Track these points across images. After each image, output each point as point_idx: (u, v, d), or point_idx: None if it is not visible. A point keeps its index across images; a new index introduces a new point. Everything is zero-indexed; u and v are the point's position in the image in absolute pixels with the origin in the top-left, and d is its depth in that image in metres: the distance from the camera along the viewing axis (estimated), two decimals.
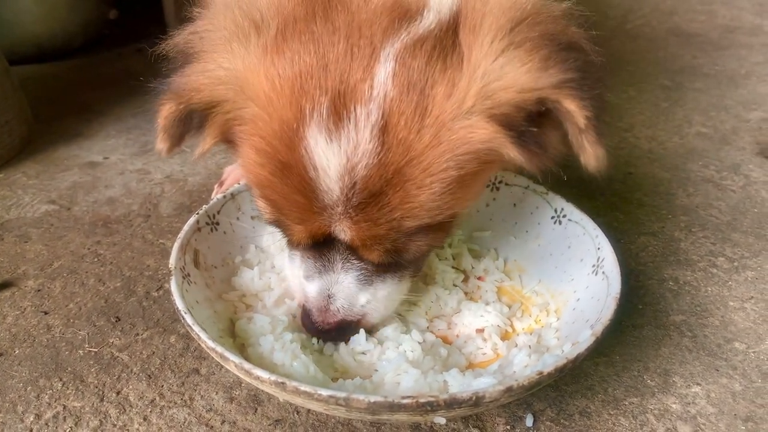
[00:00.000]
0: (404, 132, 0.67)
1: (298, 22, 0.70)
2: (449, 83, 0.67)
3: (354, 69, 0.67)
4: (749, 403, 0.87)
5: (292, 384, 0.69)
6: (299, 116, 0.68)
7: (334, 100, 0.67)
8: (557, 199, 1.03)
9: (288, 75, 0.68)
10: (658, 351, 0.96)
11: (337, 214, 0.72)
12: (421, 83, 0.67)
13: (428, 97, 0.67)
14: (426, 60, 0.67)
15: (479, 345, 0.91)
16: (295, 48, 0.69)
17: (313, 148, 0.68)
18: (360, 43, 0.68)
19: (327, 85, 0.67)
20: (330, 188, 0.70)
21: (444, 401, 0.67)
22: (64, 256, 1.18)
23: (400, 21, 0.69)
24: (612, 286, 0.85)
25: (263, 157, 0.72)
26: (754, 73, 1.98)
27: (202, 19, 0.75)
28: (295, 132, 0.68)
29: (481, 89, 0.67)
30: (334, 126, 0.67)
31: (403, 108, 0.67)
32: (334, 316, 0.83)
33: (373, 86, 0.67)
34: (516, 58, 0.66)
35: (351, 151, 0.67)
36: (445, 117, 0.67)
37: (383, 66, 0.67)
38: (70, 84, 1.99)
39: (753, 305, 1.05)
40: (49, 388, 0.90)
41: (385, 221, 0.72)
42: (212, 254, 0.99)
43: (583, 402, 0.87)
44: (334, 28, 0.69)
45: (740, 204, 1.33)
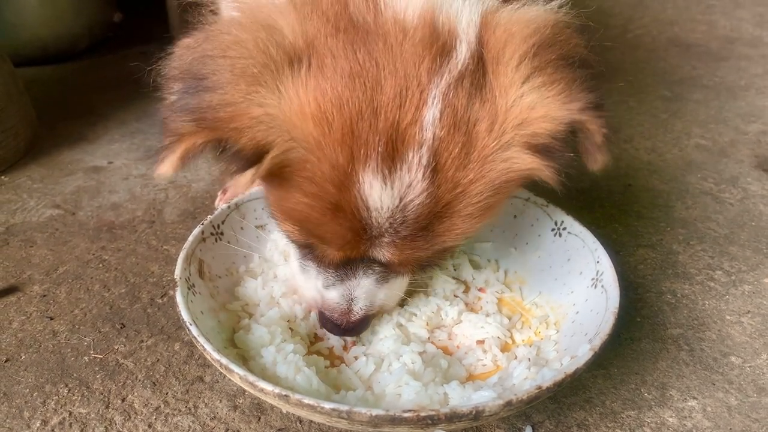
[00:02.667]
0: (452, 170, 0.71)
1: (333, 51, 0.69)
2: (488, 118, 0.71)
3: (404, 113, 0.68)
4: (744, 418, 0.89)
5: (295, 397, 0.70)
6: (351, 160, 0.69)
7: (387, 145, 0.68)
8: (557, 212, 1.05)
9: (337, 118, 0.68)
10: (656, 364, 0.97)
11: (383, 243, 0.76)
12: (465, 121, 0.70)
13: (472, 135, 0.71)
14: (467, 98, 0.70)
15: (479, 356, 0.92)
16: (339, 88, 0.68)
17: (367, 192, 0.70)
18: (407, 85, 0.69)
19: (378, 129, 0.68)
20: (380, 224, 0.73)
21: (444, 415, 0.69)
22: (69, 261, 1.19)
23: (440, 57, 0.70)
24: (611, 300, 0.86)
25: (312, 199, 0.72)
26: (754, 85, 2.00)
27: (212, 38, 0.71)
28: (347, 176, 0.69)
29: (517, 121, 0.71)
30: (388, 170, 0.69)
31: (451, 148, 0.70)
32: (356, 315, 0.86)
33: (423, 128, 0.69)
34: (542, 86, 0.70)
35: (404, 192, 0.70)
36: (487, 152, 0.71)
37: (431, 109, 0.69)
38: (74, 87, 2.01)
39: (750, 319, 1.06)
40: (55, 394, 0.91)
41: (429, 247, 0.77)
42: (216, 264, 1.01)
43: (581, 414, 0.89)
44: (377, 67, 0.69)
45: (738, 217, 1.34)
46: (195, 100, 0.67)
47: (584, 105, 0.70)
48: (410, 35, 0.70)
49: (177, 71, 0.72)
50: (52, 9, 2.09)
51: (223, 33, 0.70)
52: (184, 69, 0.71)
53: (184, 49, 0.74)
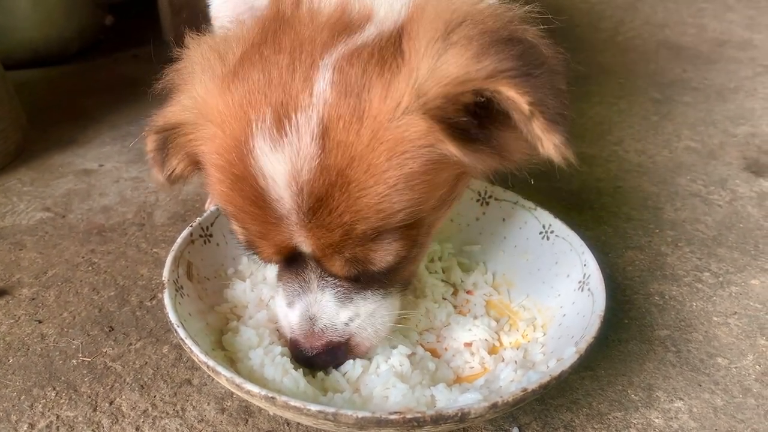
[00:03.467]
0: (343, 135, 0.69)
1: (253, 47, 0.77)
2: (385, 86, 0.69)
3: (295, 81, 0.71)
4: (730, 419, 0.89)
5: (282, 399, 0.71)
6: (247, 129, 0.71)
7: (277, 110, 0.70)
8: (545, 215, 1.05)
9: (239, 93, 0.73)
10: (643, 366, 0.98)
11: (293, 224, 0.73)
12: (358, 88, 0.69)
13: (365, 101, 0.69)
14: (363, 67, 0.70)
15: (467, 359, 0.92)
16: (246, 70, 0.74)
17: (260, 157, 0.71)
18: (301, 57, 0.72)
19: (271, 97, 0.71)
20: (280, 196, 0.71)
21: (430, 417, 0.69)
22: (59, 264, 1.19)
23: (339, 35, 0.73)
24: (597, 304, 0.87)
25: (221, 173, 0.76)
26: (743, 87, 2.01)
27: (182, 58, 0.84)
28: (244, 144, 0.72)
29: (415, 88, 0.68)
30: (278, 134, 0.70)
31: (341, 112, 0.69)
32: (319, 339, 0.82)
33: (312, 94, 0.70)
34: (450, 56, 0.67)
35: (294, 157, 0.69)
36: (381, 118, 0.69)
37: (321, 75, 0.70)
38: (65, 90, 2.01)
39: (736, 321, 1.07)
40: (42, 398, 0.91)
41: (336, 226, 0.72)
42: (205, 266, 1.01)
43: (568, 416, 0.89)
44: (280, 48, 0.74)
45: (726, 219, 1.35)
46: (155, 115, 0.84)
47: (494, 70, 0.65)
48: (317, 19, 0.75)
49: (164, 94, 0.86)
50: (44, 12, 2.09)
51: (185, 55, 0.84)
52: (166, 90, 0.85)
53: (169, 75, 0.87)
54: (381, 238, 0.74)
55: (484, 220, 1.12)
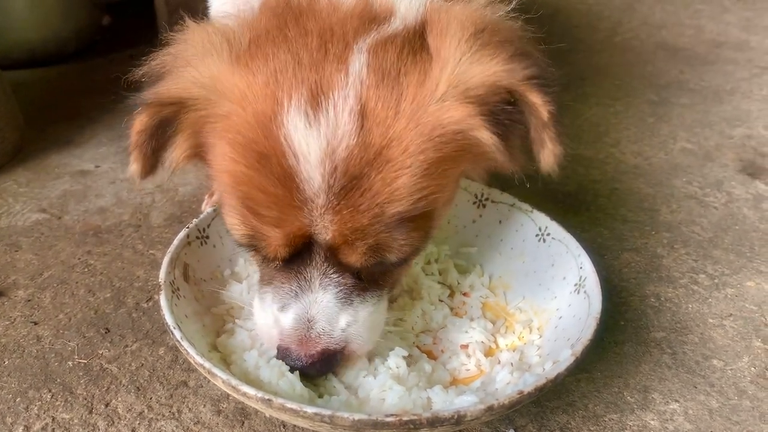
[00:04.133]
0: (382, 114, 0.69)
1: (270, 31, 0.76)
2: (421, 72, 0.72)
3: (329, 61, 0.71)
4: (725, 420, 0.90)
5: (278, 401, 0.71)
6: (276, 106, 0.70)
7: (311, 88, 0.70)
8: (541, 217, 1.05)
9: (262, 72, 0.72)
10: (639, 368, 0.98)
11: (318, 207, 0.71)
12: (395, 72, 0.71)
13: (402, 84, 0.71)
14: (397, 53, 0.72)
15: (463, 361, 0.93)
16: (268, 51, 0.73)
17: (292, 134, 0.69)
18: (333, 40, 0.72)
19: (303, 76, 0.71)
20: (311, 176, 0.69)
21: (426, 419, 0.69)
22: (55, 265, 1.19)
23: (369, 23, 0.74)
24: (593, 306, 0.87)
25: (238, 151, 0.72)
26: (739, 89, 2.02)
27: (176, 43, 0.80)
28: (272, 120, 0.70)
29: (453, 78, 0.71)
30: (313, 111, 0.69)
31: (379, 93, 0.70)
32: (315, 345, 0.79)
33: (348, 74, 0.70)
34: (484, 55, 0.71)
35: (331, 134, 0.68)
36: (419, 101, 0.71)
37: (357, 57, 0.71)
38: (62, 90, 2.00)
39: (732, 323, 1.07)
40: (38, 400, 0.91)
41: (368, 207, 0.71)
42: (202, 268, 1.01)
43: (564, 418, 0.89)
44: (306, 31, 0.74)
45: (722, 221, 1.35)
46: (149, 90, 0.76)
47: (525, 76, 0.70)
48: (341, 9, 0.75)
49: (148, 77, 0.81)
50: (41, 12, 2.09)
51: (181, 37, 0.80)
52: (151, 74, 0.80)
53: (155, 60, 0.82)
54: (403, 226, 0.73)
55: (481, 222, 1.12)
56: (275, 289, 0.82)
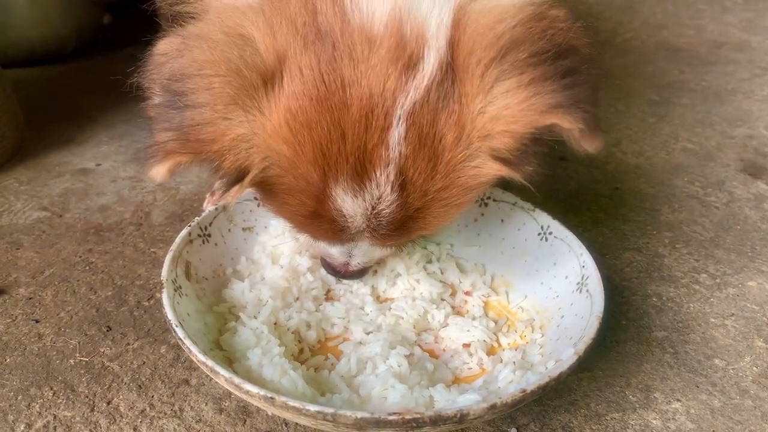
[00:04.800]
0: (420, 182, 0.75)
1: (304, 75, 0.70)
2: (454, 132, 0.73)
3: (370, 135, 0.71)
4: (727, 420, 0.90)
5: (281, 399, 0.71)
6: (324, 178, 0.74)
7: (355, 165, 0.73)
8: (543, 216, 1.05)
9: (308, 144, 0.72)
10: (641, 367, 0.98)
11: (364, 237, 0.82)
12: (431, 137, 0.72)
13: (437, 150, 0.73)
14: (433, 114, 0.72)
15: (465, 360, 0.93)
16: (308, 110, 0.71)
17: (341, 204, 0.76)
18: (372, 106, 0.70)
19: (346, 151, 0.72)
20: (358, 227, 0.79)
21: (429, 418, 0.69)
22: (56, 263, 1.18)
23: (406, 73, 0.70)
24: (595, 305, 0.87)
25: (294, 207, 0.79)
26: (740, 89, 2.02)
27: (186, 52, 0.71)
28: (321, 191, 0.75)
29: (482, 132, 0.72)
30: (358, 187, 0.74)
31: (417, 164, 0.73)
32: (354, 267, 0.94)
33: (389, 148, 0.72)
34: (507, 92, 0.70)
35: (375, 203, 0.75)
36: (454, 162, 0.74)
37: (396, 129, 0.71)
38: (62, 88, 2.00)
39: (733, 322, 1.07)
40: (39, 398, 0.91)
41: (406, 238, 0.85)
42: (204, 266, 1.01)
43: (566, 417, 0.89)
44: (343, 87, 0.70)
45: (723, 221, 1.35)
46: (177, 117, 0.70)
47: (552, 105, 0.68)
48: (376, 48, 0.70)
49: (157, 80, 0.74)
50: (41, 10, 2.08)
51: (196, 48, 0.71)
52: (163, 81, 0.72)
53: (161, 56, 0.75)
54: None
55: (483, 221, 1.12)
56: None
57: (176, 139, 0.70)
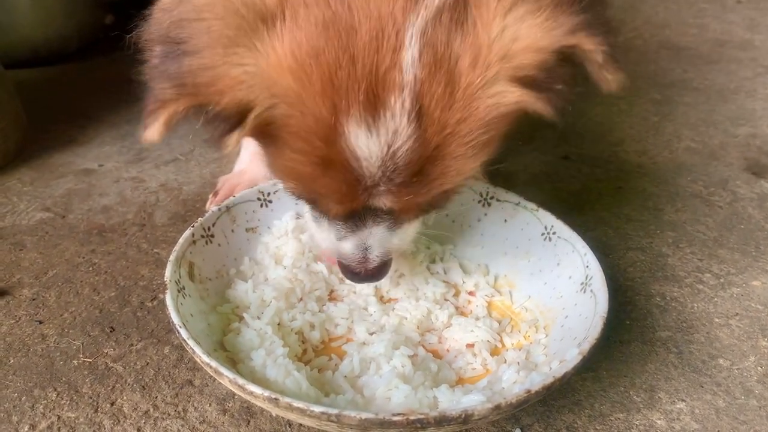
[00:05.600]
0: (438, 111, 0.69)
1: (309, 6, 0.67)
2: (471, 54, 0.68)
3: (381, 57, 0.66)
4: (732, 420, 0.89)
5: (285, 400, 0.70)
6: (334, 111, 0.68)
7: (368, 92, 0.67)
8: (547, 216, 1.05)
9: (316, 74, 0.67)
10: (645, 367, 0.98)
11: (380, 192, 0.75)
12: (447, 59, 0.67)
13: (455, 73, 0.68)
14: (447, 34, 0.67)
15: (469, 360, 0.92)
16: (314, 38, 0.66)
17: (353, 142, 0.69)
18: (382, 27, 0.66)
19: (357, 77, 0.67)
20: (373, 173, 0.71)
21: (434, 418, 0.69)
22: (59, 264, 1.19)
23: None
24: (599, 305, 0.87)
25: (301, 154, 0.72)
26: (743, 88, 2.01)
27: (183, 2, 0.68)
28: (332, 128, 0.68)
29: (501, 52, 0.67)
30: (372, 118, 0.68)
31: (434, 89, 0.68)
32: (373, 263, 0.87)
33: (403, 71, 0.67)
34: (526, 14, 0.66)
35: (391, 139, 0.69)
36: (473, 89, 0.69)
37: (409, 50, 0.66)
38: (65, 89, 2.00)
39: (738, 322, 1.07)
40: (43, 398, 0.91)
41: (426, 191, 0.76)
42: (207, 267, 1.01)
43: (570, 417, 0.89)
44: (350, 11, 0.66)
45: (727, 220, 1.35)
46: (175, 65, 0.66)
47: (573, 26, 0.66)
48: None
49: (156, 34, 0.70)
50: (43, 11, 2.08)
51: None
52: (162, 33, 0.69)
53: (161, 12, 0.72)
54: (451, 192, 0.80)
55: (486, 221, 1.12)
56: (330, 223, 0.86)
57: (173, 86, 0.66)
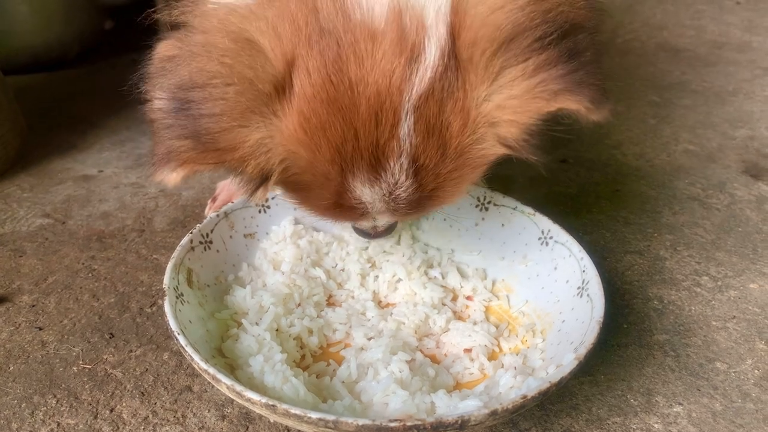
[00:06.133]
0: (431, 166, 0.77)
1: (312, 77, 0.71)
2: (461, 119, 0.74)
3: (381, 131, 0.73)
4: (729, 423, 0.90)
5: (282, 406, 0.71)
6: (342, 174, 0.77)
7: (370, 159, 0.75)
8: (544, 221, 1.06)
9: (323, 143, 0.74)
10: (642, 370, 0.98)
11: (385, 215, 0.85)
12: (438, 126, 0.74)
13: (446, 137, 0.75)
14: (438, 105, 0.73)
15: (466, 365, 0.93)
16: (321, 114, 0.72)
17: (360, 195, 0.79)
18: (380, 104, 0.72)
19: (360, 148, 0.74)
20: (378, 210, 0.82)
21: (430, 424, 0.69)
22: (59, 270, 1.19)
23: (409, 64, 0.70)
24: (596, 310, 0.87)
25: (315, 200, 0.83)
26: (741, 90, 2.02)
27: (190, 58, 0.70)
28: (340, 185, 0.78)
29: (487, 120, 0.74)
30: (374, 178, 0.77)
31: (428, 151, 0.76)
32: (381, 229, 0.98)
33: (400, 141, 0.74)
34: (513, 80, 0.70)
35: (392, 189, 0.78)
36: (462, 147, 0.77)
37: (405, 123, 0.73)
38: (64, 94, 2.01)
39: (735, 325, 1.07)
40: (43, 405, 0.91)
41: (423, 213, 0.90)
42: (205, 273, 1.01)
43: (567, 421, 0.90)
44: (351, 87, 0.71)
45: (725, 223, 1.35)
46: (191, 125, 0.70)
47: (558, 90, 0.68)
48: (379, 42, 0.70)
49: (163, 85, 0.73)
50: (43, 17, 2.09)
51: (203, 56, 0.70)
52: (170, 87, 0.72)
53: (163, 62, 0.74)
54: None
55: (484, 225, 1.12)
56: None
57: (194, 147, 0.70)
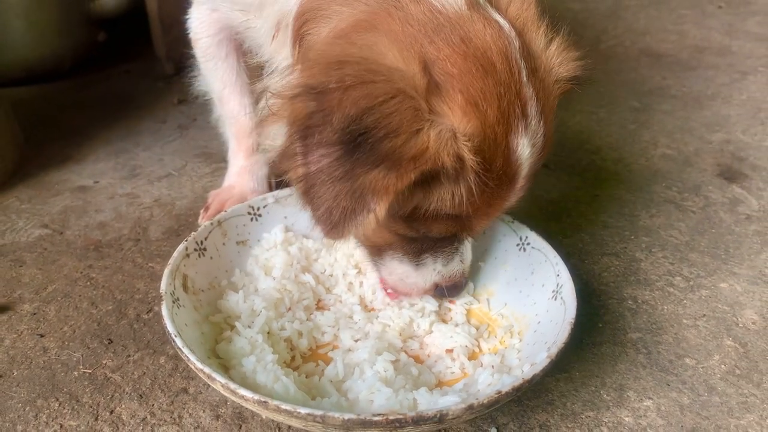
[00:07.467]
0: (547, 110, 0.89)
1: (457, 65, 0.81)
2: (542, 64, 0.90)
3: (515, 80, 0.84)
4: (695, 416, 0.95)
5: (273, 403, 0.76)
6: (506, 135, 0.84)
7: (521, 109, 0.85)
8: (522, 228, 1.11)
9: (488, 108, 0.81)
10: (615, 367, 1.04)
11: (516, 194, 0.91)
12: (534, 69, 0.88)
13: (539, 75, 0.89)
14: (528, 51, 0.88)
15: (448, 364, 0.98)
16: (476, 83, 0.81)
17: (520, 152, 0.86)
18: (507, 59, 0.84)
19: (511, 101, 0.84)
20: (525, 174, 0.88)
21: (411, 418, 0.74)
22: (58, 279, 1.24)
23: (500, 30, 0.85)
24: (568, 311, 0.92)
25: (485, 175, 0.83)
26: (720, 94, 2.07)
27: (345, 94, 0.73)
28: (507, 147, 0.85)
29: (553, 63, 0.91)
30: (525, 127, 0.85)
31: (539, 93, 0.87)
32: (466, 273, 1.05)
33: (526, 87, 0.85)
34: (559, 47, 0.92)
35: (535, 139, 0.87)
36: (548, 83, 0.91)
37: (523, 69, 0.85)
38: (59, 106, 2.05)
39: (705, 323, 1.13)
40: (46, 408, 0.96)
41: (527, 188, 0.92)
42: (200, 279, 1.06)
43: (543, 416, 0.95)
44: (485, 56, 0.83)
45: (699, 225, 1.41)
46: (375, 151, 0.72)
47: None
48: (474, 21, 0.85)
49: (321, 140, 0.74)
50: (38, 31, 2.13)
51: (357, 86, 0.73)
52: (336, 131, 0.73)
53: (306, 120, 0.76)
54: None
55: None
56: (434, 257, 1.00)
57: (389, 170, 0.72)
